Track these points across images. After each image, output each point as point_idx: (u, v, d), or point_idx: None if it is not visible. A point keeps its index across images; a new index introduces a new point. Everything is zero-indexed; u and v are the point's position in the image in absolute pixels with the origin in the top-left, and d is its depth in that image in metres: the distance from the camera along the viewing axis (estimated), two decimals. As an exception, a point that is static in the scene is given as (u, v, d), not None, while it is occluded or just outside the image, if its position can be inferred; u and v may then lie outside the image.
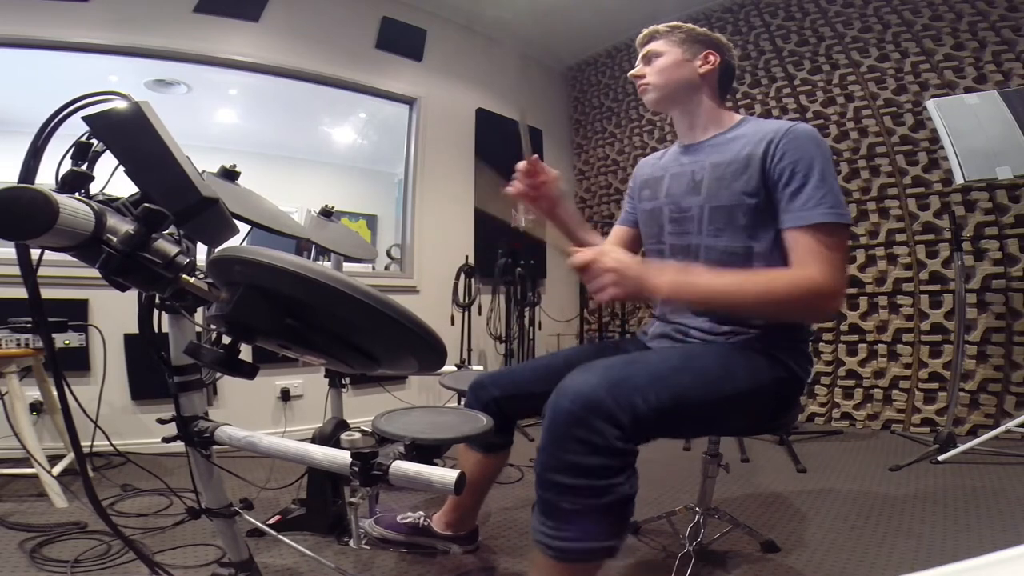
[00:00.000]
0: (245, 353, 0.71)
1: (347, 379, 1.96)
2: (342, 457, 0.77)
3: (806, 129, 1.03)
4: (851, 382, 3.00)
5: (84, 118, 0.74)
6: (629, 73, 1.23)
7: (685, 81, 1.16)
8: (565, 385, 0.82)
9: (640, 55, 1.21)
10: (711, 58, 1.16)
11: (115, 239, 0.60)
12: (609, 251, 0.92)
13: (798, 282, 0.94)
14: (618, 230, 1.38)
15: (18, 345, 1.70)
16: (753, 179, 1.03)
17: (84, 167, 0.79)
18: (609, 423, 0.77)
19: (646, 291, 0.91)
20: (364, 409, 2.90)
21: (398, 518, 1.46)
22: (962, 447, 2.24)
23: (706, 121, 1.18)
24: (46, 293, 0.76)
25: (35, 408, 2.12)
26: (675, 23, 1.19)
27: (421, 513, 1.47)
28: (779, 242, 1.02)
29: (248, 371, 0.72)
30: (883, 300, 2.92)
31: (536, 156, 1.15)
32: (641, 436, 0.82)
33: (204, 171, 1.11)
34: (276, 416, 2.91)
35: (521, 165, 1.15)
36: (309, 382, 2.93)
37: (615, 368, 0.84)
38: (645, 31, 1.21)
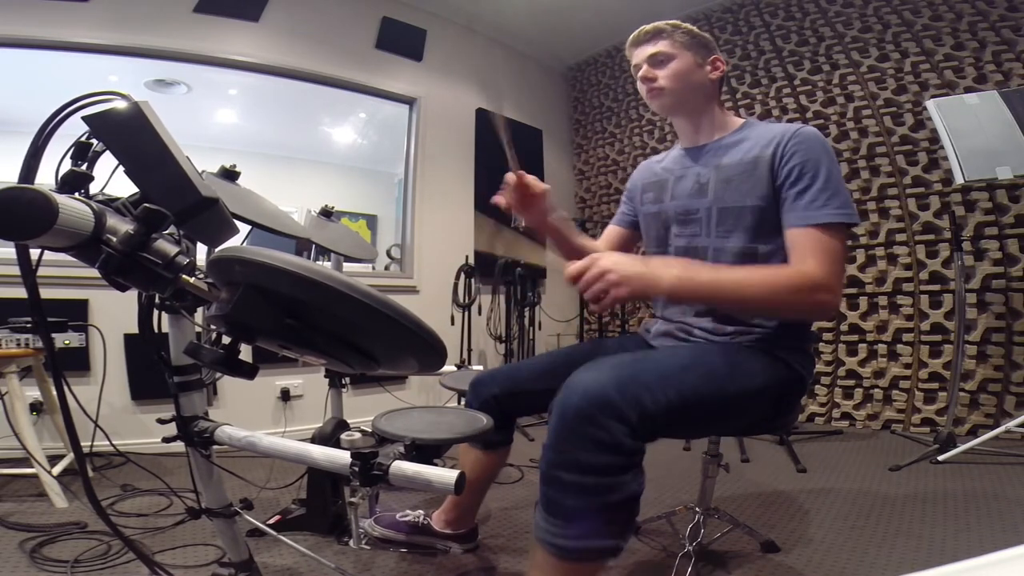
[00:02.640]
0: (245, 353, 0.71)
1: (347, 379, 1.96)
2: (342, 457, 0.77)
3: (813, 131, 1.04)
4: (851, 382, 3.00)
5: (84, 118, 0.74)
6: (640, 73, 1.17)
7: (698, 87, 1.15)
8: (574, 382, 0.81)
9: (644, 54, 1.16)
10: (719, 64, 1.16)
11: (115, 239, 0.60)
12: (604, 254, 0.90)
13: (799, 279, 0.94)
14: (611, 230, 1.38)
15: (18, 345, 1.70)
16: (761, 181, 1.04)
17: (84, 167, 0.79)
18: (618, 420, 0.77)
19: (651, 288, 0.88)
20: (364, 409, 2.90)
21: (397, 516, 1.46)
22: (962, 447, 2.24)
23: (711, 125, 1.18)
24: (46, 293, 0.76)
25: (35, 408, 2.12)
26: (675, 22, 1.16)
27: (420, 512, 1.47)
28: (784, 244, 1.02)
29: (248, 371, 0.72)
30: (883, 300, 2.91)
31: (522, 171, 1.13)
32: (648, 434, 0.81)
33: (204, 171, 1.11)
34: (276, 416, 2.91)
35: (509, 177, 1.14)
36: (309, 382, 2.93)
37: (624, 366, 0.84)
38: (647, 27, 1.17)
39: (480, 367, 2.50)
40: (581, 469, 0.76)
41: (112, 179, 0.82)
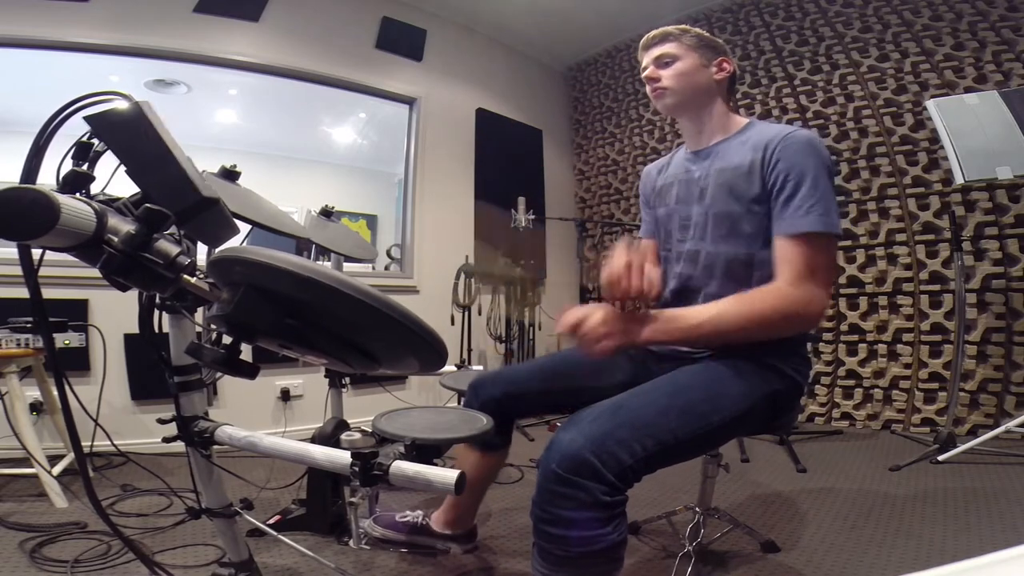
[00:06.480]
0: (245, 353, 0.71)
1: (347, 379, 1.96)
2: (342, 457, 0.77)
3: (804, 135, 1.02)
4: (851, 382, 3.00)
5: (85, 118, 0.74)
6: (644, 74, 1.18)
7: (702, 87, 1.15)
8: (553, 443, 0.84)
9: (651, 56, 1.17)
10: (726, 65, 1.16)
11: (116, 239, 0.60)
12: (597, 308, 0.94)
13: (774, 299, 0.95)
14: (645, 244, 1.36)
15: (18, 345, 1.70)
16: (755, 186, 1.04)
17: (85, 167, 0.79)
18: (594, 480, 0.79)
19: (631, 342, 0.95)
20: (364, 409, 2.89)
21: (397, 517, 1.46)
22: (962, 447, 2.24)
23: (714, 127, 1.17)
24: (46, 293, 0.76)
25: (35, 408, 2.12)
26: (684, 26, 1.18)
27: (420, 512, 1.47)
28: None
29: (248, 371, 0.72)
30: (883, 300, 2.92)
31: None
32: (630, 483, 0.83)
33: (204, 171, 1.11)
34: (276, 416, 2.91)
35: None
36: (309, 382, 2.93)
37: (601, 420, 0.85)
38: (656, 32, 1.18)
39: (480, 367, 2.50)
40: (564, 524, 0.80)
41: (113, 179, 0.82)
